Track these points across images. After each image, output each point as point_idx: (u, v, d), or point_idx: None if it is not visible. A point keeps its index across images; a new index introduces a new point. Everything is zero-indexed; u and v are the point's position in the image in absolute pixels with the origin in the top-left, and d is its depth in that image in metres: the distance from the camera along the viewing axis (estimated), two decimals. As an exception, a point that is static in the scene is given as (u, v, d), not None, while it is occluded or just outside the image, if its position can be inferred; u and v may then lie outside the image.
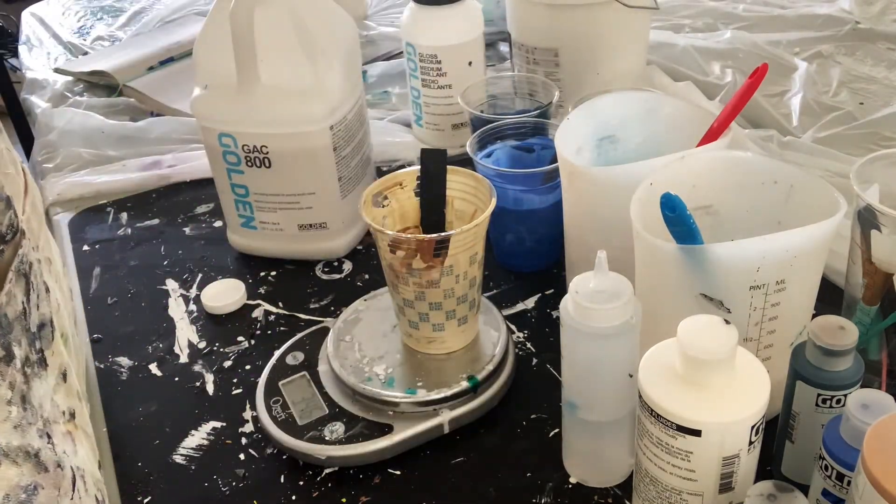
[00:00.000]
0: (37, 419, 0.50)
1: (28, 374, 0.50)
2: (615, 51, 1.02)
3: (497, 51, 1.29)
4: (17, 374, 0.48)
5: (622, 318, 0.55)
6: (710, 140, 0.69)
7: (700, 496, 0.52)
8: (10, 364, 0.48)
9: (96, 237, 0.97)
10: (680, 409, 0.50)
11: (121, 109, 1.22)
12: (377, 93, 1.22)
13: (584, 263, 0.61)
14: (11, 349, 0.48)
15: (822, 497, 0.54)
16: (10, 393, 0.47)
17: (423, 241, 0.64)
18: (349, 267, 0.89)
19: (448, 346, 0.71)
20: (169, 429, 0.72)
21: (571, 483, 0.65)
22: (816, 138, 1.00)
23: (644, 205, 0.60)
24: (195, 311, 0.85)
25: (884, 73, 1.15)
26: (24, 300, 0.51)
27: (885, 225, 0.60)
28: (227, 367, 0.78)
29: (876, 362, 0.64)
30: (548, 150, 0.84)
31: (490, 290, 0.84)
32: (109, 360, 0.80)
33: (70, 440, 0.55)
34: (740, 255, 0.56)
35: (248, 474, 0.68)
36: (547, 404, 0.71)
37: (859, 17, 1.29)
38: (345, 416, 0.68)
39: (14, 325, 0.49)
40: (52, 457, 0.51)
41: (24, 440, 0.48)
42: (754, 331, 0.60)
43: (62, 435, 0.54)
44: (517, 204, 0.81)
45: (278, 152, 0.83)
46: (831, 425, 0.53)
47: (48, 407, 0.52)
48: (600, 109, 0.75)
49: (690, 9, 1.35)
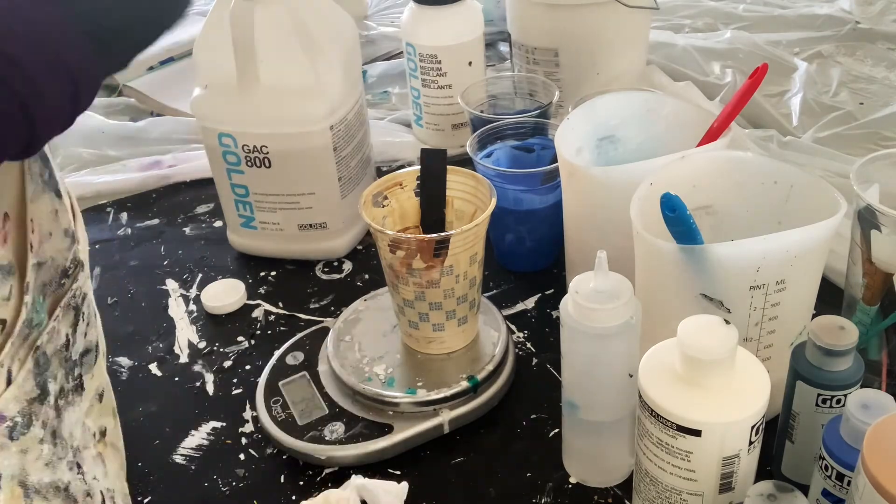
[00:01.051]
0: (67, 451, 0.51)
1: (60, 407, 0.50)
2: (615, 51, 1.02)
3: (497, 51, 1.29)
4: (50, 411, 0.49)
5: (622, 318, 0.55)
6: (710, 140, 0.69)
7: (700, 496, 0.52)
8: (45, 402, 0.48)
9: (96, 237, 0.97)
10: (680, 409, 0.50)
11: (121, 109, 1.22)
12: (377, 93, 1.22)
13: (584, 263, 0.61)
14: (47, 386, 0.49)
15: (822, 497, 0.54)
16: (42, 432, 0.48)
17: (423, 241, 0.64)
18: (349, 267, 0.89)
19: (448, 346, 0.71)
20: (169, 429, 0.72)
21: (571, 483, 0.65)
22: (816, 138, 1.00)
23: (644, 205, 0.60)
24: (195, 311, 0.85)
25: (884, 73, 1.15)
26: (68, 332, 0.51)
27: (885, 225, 0.60)
28: (227, 367, 0.78)
29: (876, 362, 0.64)
30: (548, 150, 0.84)
31: (490, 290, 0.84)
32: (109, 360, 0.80)
33: (100, 462, 0.56)
34: (740, 255, 0.56)
35: (248, 474, 0.68)
36: (547, 404, 0.71)
37: (859, 17, 1.29)
38: (345, 416, 0.68)
39: (52, 361, 0.49)
40: (82, 486, 0.52)
41: (54, 476, 0.49)
42: (754, 331, 0.60)
43: (92, 459, 0.54)
44: (517, 204, 0.81)
45: (278, 152, 0.83)
46: (831, 425, 0.53)
47: (78, 434, 0.53)
48: (600, 109, 0.75)
49: (690, 9, 1.35)
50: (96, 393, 0.56)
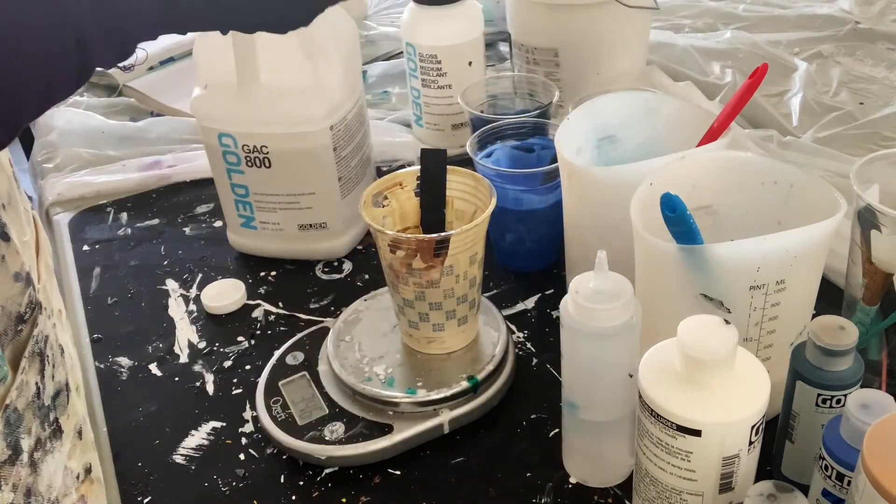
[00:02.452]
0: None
1: (36, 461, 0.47)
2: (615, 51, 1.02)
3: (497, 51, 1.28)
4: (23, 470, 0.46)
5: (622, 318, 0.55)
6: (710, 140, 0.69)
7: (700, 496, 0.52)
8: (17, 462, 0.46)
9: (96, 237, 0.97)
10: (680, 409, 0.50)
11: (121, 109, 1.22)
12: (377, 93, 1.22)
13: (584, 263, 0.61)
14: (19, 445, 0.46)
15: (822, 497, 0.54)
16: (12, 496, 0.45)
17: (423, 241, 0.64)
18: (349, 267, 0.89)
19: (448, 346, 0.71)
20: (169, 429, 0.72)
21: (571, 483, 0.65)
22: (816, 138, 1.00)
23: (644, 205, 0.60)
24: (195, 311, 0.85)
25: (884, 73, 1.15)
26: (37, 380, 0.48)
27: (885, 225, 0.60)
28: (227, 367, 0.78)
29: (876, 362, 0.64)
30: (548, 150, 0.84)
31: (490, 290, 0.84)
32: (109, 360, 0.80)
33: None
34: (740, 255, 0.56)
35: (248, 474, 0.68)
36: (547, 404, 0.71)
37: (859, 17, 1.29)
38: (345, 416, 0.68)
39: (24, 415, 0.46)
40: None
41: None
42: (754, 331, 0.60)
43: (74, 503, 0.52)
44: (517, 204, 0.81)
45: (278, 152, 0.83)
46: (831, 425, 0.53)
47: (58, 483, 0.50)
48: (600, 109, 0.75)
49: (690, 9, 1.35)
50: (75, 431, 0.53)
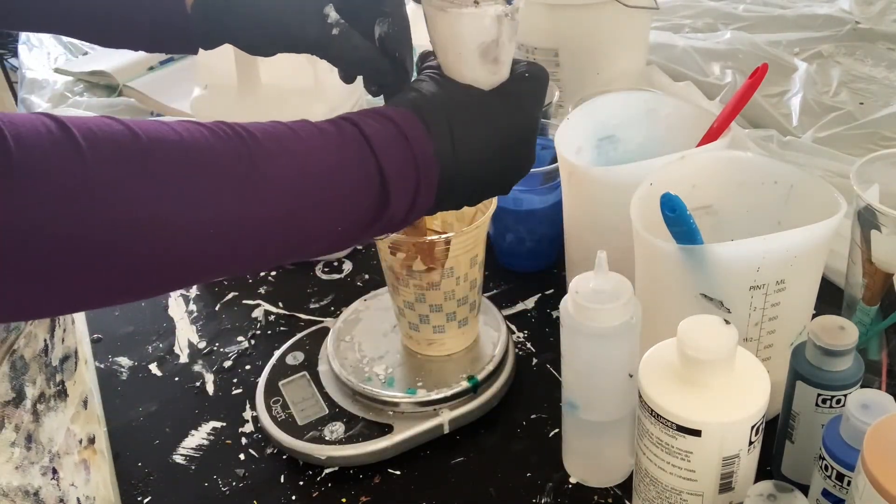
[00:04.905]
0: (42, 456, 0.50)
1: (39, 412, 0.50)
2: (615, 51, 1.02)
3: (497, 51, 1.28)
4: (26, 415, 0.49)
5: (622, 318, 0.55)
6: (710, 140, 0.69)
7: (700, 496, 0.52)
8: (20, 405, 0.48)
9: (96, 237, 0.97)
10: (680, 409, 0.50)
11: (121, 109, 1.22)
12: (377, 93, 1.22)
13: (584, 263, 0.61)
14: (23, 390, 0.49)
15: (822, 497, 0.54)
16: (14, 435, 0.48)
17: (424, 243, 0.64)
18: (349, 267, 0.89)
19: (448, 348, 0.71)
20: (169, 429, 0.72)
21: (571, 483, 0.65)
22: (816, 138, 1.00)
23: (644, 205, 0.60)
24: (195, 311, 0.85)
25: (884, 73, 1.15)
26: (46, 337, 0.51)
27: (885, 225, 0.60)
28: (227, 367, 0.78)
29: (876, 362, 0.64)
30: (548, 150, 0.84)
31: (490, 290, 0.84)
32: (109, 360, 0.80)
33: (84, 468, 0.55)
34: (740, 255, 0.56)
35: (248, 474, 0.68)
36: (547, 404, 0.71)
37: (859, 17, 1.29)
38: (345, 416, 0.68)
39: (30, 365, 0.49)
40: (55, 492, 0.51)
41: (24, 480, 0.49)
42: (754, 331, 0.60)
43: (75, 465, 0.54)
44: (517, 204, 0.81)
45: (278, 152, 0.83)
46: (831, 425, 0.53)
47: (60, 439, 0.52)
48: (600, 109, 0.75)
49: (690, 9, 1.35)
50: (80, 400, 0.55)
